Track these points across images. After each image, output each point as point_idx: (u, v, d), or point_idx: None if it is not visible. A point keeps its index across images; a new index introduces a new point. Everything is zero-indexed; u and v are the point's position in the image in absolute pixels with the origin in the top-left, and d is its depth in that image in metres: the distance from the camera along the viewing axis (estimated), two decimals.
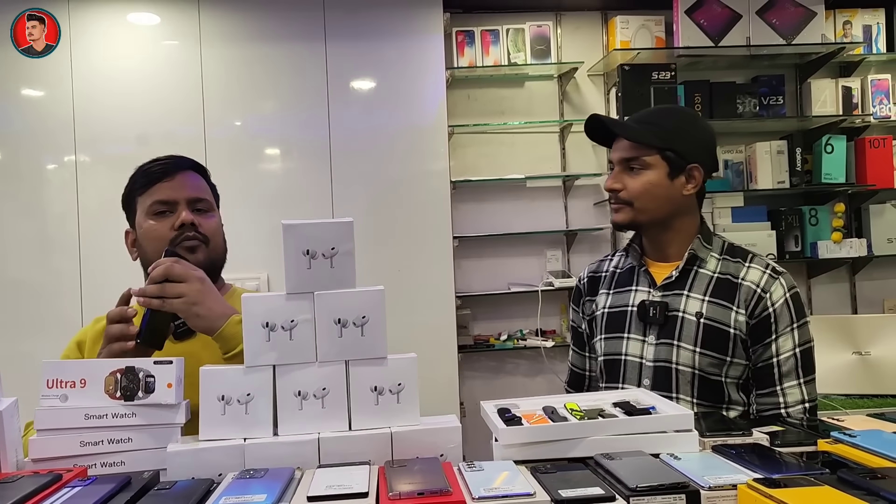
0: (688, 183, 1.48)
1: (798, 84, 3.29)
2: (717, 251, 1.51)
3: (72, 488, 0.90)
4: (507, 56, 3.13)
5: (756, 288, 1.44)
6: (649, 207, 1.48)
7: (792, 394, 1.41)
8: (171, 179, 1.38)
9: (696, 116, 1.57)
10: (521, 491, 0.85)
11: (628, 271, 1.58)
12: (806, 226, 3.16)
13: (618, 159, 1.51)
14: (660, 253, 1.54)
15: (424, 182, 2.92)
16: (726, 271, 1.48)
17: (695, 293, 1.47)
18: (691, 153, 1.47)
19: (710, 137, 1.54)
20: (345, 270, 1.09)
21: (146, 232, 1.37)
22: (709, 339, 1.43)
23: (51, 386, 1.06)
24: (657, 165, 1.47)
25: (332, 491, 0.86)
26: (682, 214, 1.51)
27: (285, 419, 1.06)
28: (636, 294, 1.53)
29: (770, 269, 1.47)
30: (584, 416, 1.08)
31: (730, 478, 0.87)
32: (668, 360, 1.45)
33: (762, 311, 1.42)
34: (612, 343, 1.54)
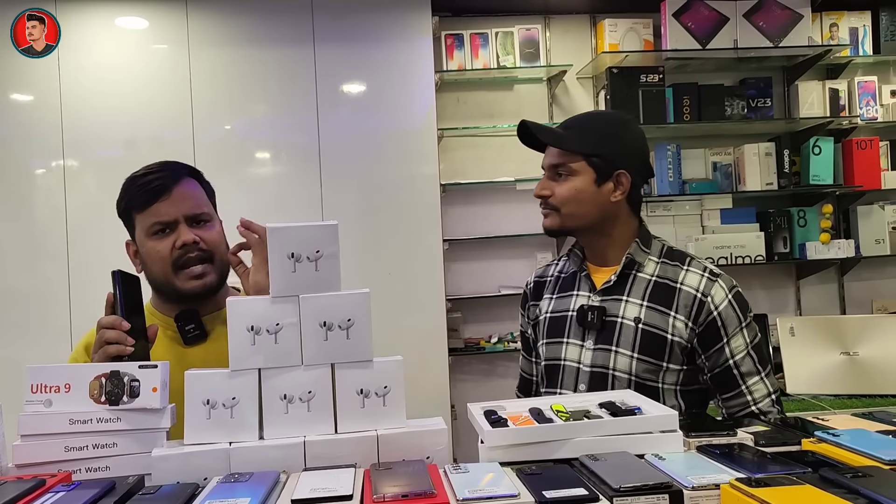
0: (616, 189, 1.47)
1: (785, 86, 3.31)
2: (656, 255, 1.50)
3: (55, 493, 0.90)
4: (497, 59, 3.14)
5: (696, 293, 1.42)
6: (576, 213, 1.47)
7: (758, 389, 1.42)
8: (169, 196, 1.35)
9: (625, 121, 1.53)
10: (505, 492, 0.86)
11: (571, 276, 1.57)
12: (794, 227, 3.18)
13: (546, 165, 1.51)
14: (599, 258, 1.53)
15: (414, 185, 2.92)
16: (664, 275, 1.46)
17: (633, 298, 1.46)
18: (619, 159, 1.46)
19: (640, 143, 1.52)
20: (330, 273, 1.09)
21: (149, 252, 1.36)
22: (646, 344, 1.42)
23: (35, 391, 1.05)
24: (583, 172, 1.46)
25: (316, 494, 0.86)
26: (616, 220, 1.49)
27: (271, 423, 1.06)
28: (577, 299, 1.52)
29: (708, 272, 1.45)
30: (570, 418, 1.09)
31: (713, 477, 0.88)
32: (605, 365, 1.44)
33: (707, 316, 1.41)
34: (552, 348, 1.53)
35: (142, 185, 1.36)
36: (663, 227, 3.13)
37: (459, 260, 3.17)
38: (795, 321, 2.76)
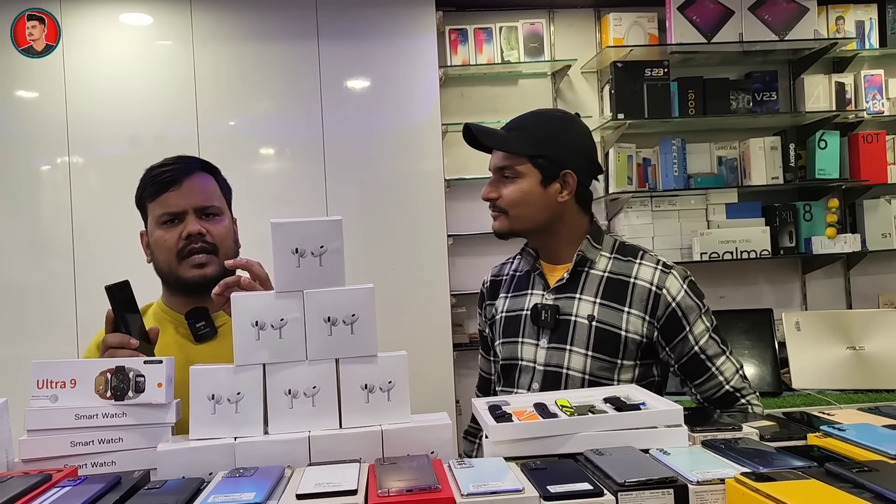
0: (562, 189, 1.46)
1: (791, 80, 3.29)
2: (608, 251, 1.49)
3: (61, 488, 0.90)
4: (501, 54, 3.13)
5: (651, 286, 1.43)
6: (524, 215, 1.46)
7: (727, 368, 1.43)
8: (179, 188, 1.38)
9: (569, 121, 1.51)
10: (510, 487, 0.85)
11: (525, 275, 1.56)
12: (800, 221, 3.16)
13: (493, 168, 1.50)
14: (551, 256, 1.52)
15: (418, 181, 2.92)
16: (617, 271, 1.46)
17: (586, 295, 1.45)
18: (564, 159, 1.45)
19: (585, 141, 1.51)
20: (334, 268, 1.09)
21: (156, 241, 1.39)
22: (600, 342, 1.42)
23: (41, 386, 1.06)
24: (529, 173, 1.45)
25: (321, 489, 0.86)
26: (562, 220, 1.48)
27: (276, 418, 1.06)
28: (531, 297, 1.51)
29: (661, 264, 1.45)
30: (575, 413, 1.08)
31: (718, 472, 0.88)
32: (560, 364, 1.44)
33: (665, 308, 1.41)
34: (508, 347, 1.52)
35: (155, 176, 1.40)
36: (668, 222, 3.12)
37: (464, 255, 3.16)
38: (801, 316, 2.75)
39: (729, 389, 1.43)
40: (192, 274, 1.37)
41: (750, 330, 2.70)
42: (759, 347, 2.67)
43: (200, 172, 1.44)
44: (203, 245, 1.37)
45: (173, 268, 1.39)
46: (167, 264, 1.39)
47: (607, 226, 3.28)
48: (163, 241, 1.38)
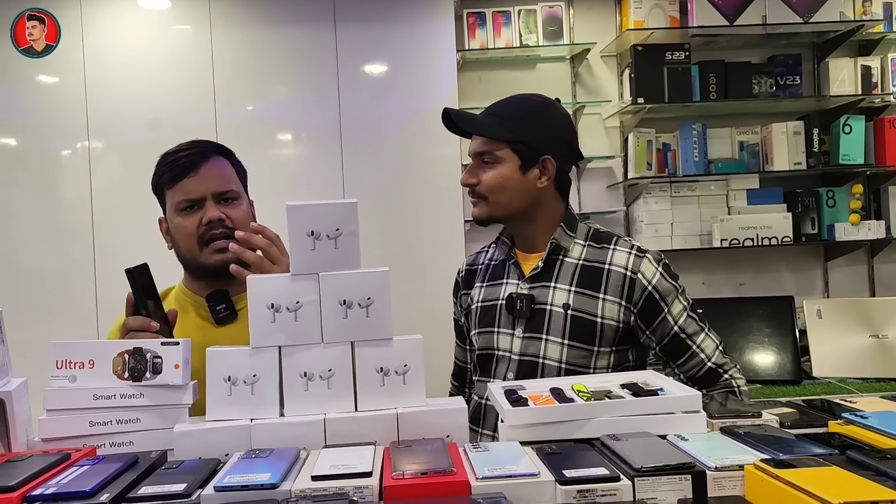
0: (541, 175, 1.45)
1: (815, 63, 3.23)
2: (582, 238, 1.49)
3: (80, 467, 0.91)
4: (519, 38, 3.10)
5: (626, 271, 1.42)
6: (503, 201, 1.45)
7: (707, 346, 1.43)
8: (196, 174, 1.38)
9: (548, 105, 1.49)
10: (525, 471, 0.85)
11: (501, 264, 1.55)
12: (823, 208, 3.11)
13: (472, 153, 1.48)
14: (526, 244, 1.51)
15: (435, 166, 2.91)
16: (592, 258, 1.45)
17: (561, 284, 1.44)
18: (543, 144, 1.44)
19: (564, 126, 1.50)
20: (349, 251, 1.09)
21: (176, 228, 1.40)
22: (576, 330, 1.41)
23: (59, 366, 1.07)
24: (508, 159, 1.43)
25: (336, 470, 0.86)
26: (541, 206, 1.47)
27: (291, 400, 1.06)
28: (506, 287, 1.50)
29: (635, 249, 1.45)
30: (591, 398, 1.08)
31: (736, 458, 0.87)
32: (536, 354, 1.43)
33: (642, 293, 1.41)
34: (484, 337, 1.51)
35: (172, 162, 1.40)
36: (688, 208, 3.09)
37: (480, 241, 3.08)
38: (823, 303, 2.71)
39: (711, 366, 1.43)
40: (213, 259, 1.38)
41: (770, 317, 2.67)
42: (779, 335, 2.64)
43: (216, 157, 1.44)
44: (223, 230, 1.38)
45: (195, 254, 1.39)
46: (188, 250, 1.40)
47: (626, 212, 3.25)
48: (183, 227, 1.39)
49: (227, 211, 1.39)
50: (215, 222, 1.37)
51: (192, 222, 1.38)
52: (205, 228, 1.37)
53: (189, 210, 1.39)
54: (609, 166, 3.25)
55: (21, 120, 2.81)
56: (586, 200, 3.24)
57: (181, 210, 1.39)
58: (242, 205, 1.43)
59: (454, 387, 1.70)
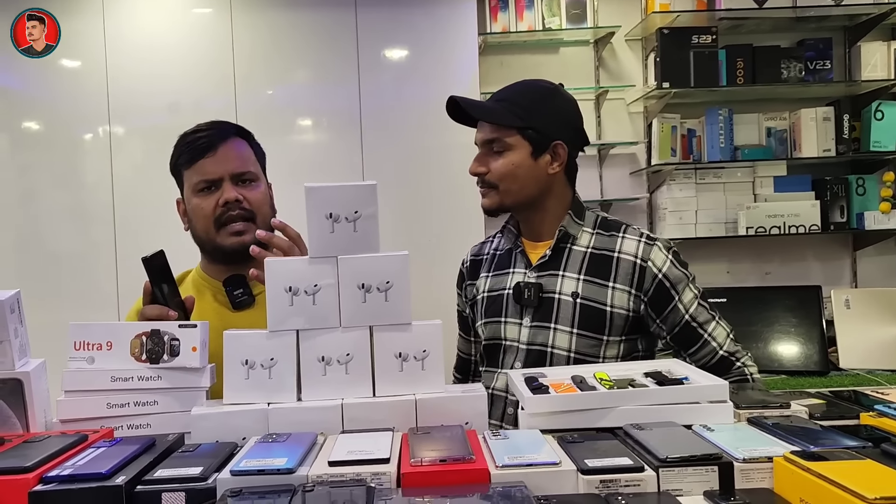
0: (553, 161, 1.42)
1: (847, 47, 3.14)
2: (590, 226, 1.46)
3: (97, 448, 0.91)
4: (542, 21, 3.05)
5: (636, 259, 1.40)
6: (514, 189, 1.42)
7: (718, 334, 1.41)
8: (214, 154, 1.37)
9: (554, 90, 1.46)
10: (546, 459, 0.83)
11: (507, 253, 1.52)
12: (852, 196, 3.04)
13: (480, 141, 1.45)
14: (533, 233, 1.49)
15: (456, 151, 2.87)
16: (601, 246, 1.43)
17: (569, 272, 1.42)
18: (553, 129, 1.41)
19: (572, 111, 1.46)
20: (368, 234, 1.07)
21: (193, 209, 1.39)
22: (585, 319, 1.39)
23: (78, 348, 1.07)
24: (519, 146, 1.41)
25: (353, 456, 0.85)
26: (551, 193, 1.45)
27: (309, 385, 1.05)
28: (513, 276, 1.48)
29: (644, 237, 1.43)
30: (614, 386, 1.05)
31: (765, 450, 0.84)
32: (544, 343, 1.40)
33: (652, 281, 1.39)
34: (491, 327, 1.49)
35: (190, 143, 1.39)
36: (713, 195, 3.03)
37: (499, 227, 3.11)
38: (851, 293, 2.66)
39: (724, 354, 1.41)
40: (230, 241, 1.37)
41: (797, 307, 2.62)
42: (805, 325, 2.59)
43: (235, 137, 1.42)
44: (240, 212, 1.36)
45: (211, 235, 1.38)
46: (205, 232, 1.38)
47: (649, 199, 3.20)
48: (199, 208, 1.37)
49: (244, 192, 1.37)
50: (232, 203, 1.35)
51: (208, 203, 1.37)
52: (221, 210, 1.36)
53: (206, 191, 1.37)
54: (632, 152, 3.20)
55: (42, 102, 2.82)
56: (609, 187, 3.19)
57: (198, 191, 1.38)
58: (261, 187, 1.42)
59: (457, 379, 1.68)
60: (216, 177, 1.37)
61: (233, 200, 1.35)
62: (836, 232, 3.06)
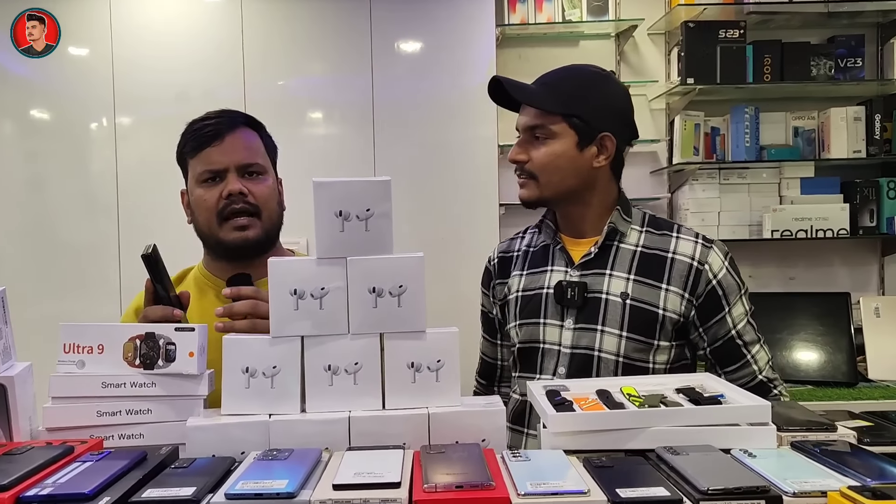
0: (599, 154, 1.33)
1: (879, 45, 3.02)
2: (639, 224, 1.37)
3: (83, 462, 0.84)
4: (562, 13, 2.96)
5: (692, 261, 1.32)
6: (555, 181, 1.33)
7: (761, 357, 1.34)
8: (221, 143, 1.30)
9: (606, 78, 1.38)
10: (573, 488, 0.75)
11: (542, 250, 1.43)
12: (883, 199, 2.92)
13: (522, 127, 1.35)
14: (574, 229, 1.40)
15: (471, 146, 2.80)
16: (652, 245, 1.34)
17: (618, 271, 1.33)
18: (601, 120, 1.32)
19: (624, 101, 1.37)
20: (381, 234, 0.99)
21: (196, 200, 1.32)
22: (635, 321, 1.30)
23: (67, 351, 1.00)
24: (564, 134, 1.31)
25: (360, 479, 0.78)
26: (595, 187, 1.36)
27: (314, 395, 0.98)
28: (552, 274, 1.38)
29: (701, 238, 1.35)
30: (644, 403, 0.97)
31: (817, 482, 0.76)
32: (591, 346, 1.32)
33: (706, 286, 1.31)
34: (528, 329, 1.39)
35: (196, 130, 1.32)
36: (737, 196, 2.93)
37: (516, 225, 2.97)
38: (882, 301, 2.55)
39: (762, 379, 1.33)
40: (232, 237, 1.29)
41: (823, 315, 2.51)
42: (833, 334, 2.48)
43: (244, 128, 1.35)
44: (244, 206, 1.29)
45: (213, 229, 1.31)
46: (207, 226, 1.31)
47: (669, 199, 3.10)
48: (203, 200, 1.30)
49: (250, 185, 1.30)
50: (236, 196, 1.28)
51: (212, 195, 1.29)
52: (225, 202, 1.28)
53: (210, 182, 1.30)
54: (653, 150, 3.10)
55: (49, 92, 2.77)
56: (628, 186, 2.99)
57: (202, 181, 1.31)
58: (268, 181, 1.34)
59: (480, 385, 1.58)
60: (221, 167, 1.29)
61: (237, 193, 1.28)
62: (864, 236, 2.95)
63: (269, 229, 1.33)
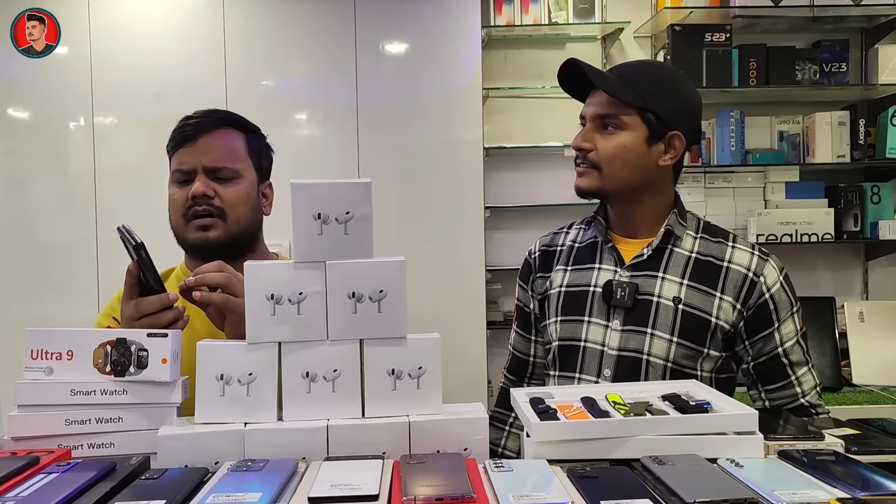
0: (666, 152, 1.31)
1: (864, 50, 3.04)
2: (694, 229, 1.35)
3: (48, 474, 0.81)
4: (548, 15, 2.95)
5: (747, 272, 1.29)
6: (619, 175, 1.30)
7: (807, 381, 1.31)
8: (193, 145, 1.28)
9: (683, 78, 1.37)
10: (556, 500, 0.73)
11: (589, 246, 1.40)
12: (867, 204, 2.93)
13: (591, 115, 1.32)
14: (627, 228, 1.37)
15: (456, 149, 2.78)
16: (707, 252, 1.32)
17: (671, 275, 1.31)
18: (674, 118, 1.29)
19: (696, 103, 1.36)
20: (361, 238, 0.97)
21: (169, 199, 1.31)
22: (687, 327, 1.27)
23: (35, 357, 0.96)
24: (635, 127, 1.29)
25: (337, 491, 0.75)
26: (655, 187, 1.33)
27: (291, 403, 0.95)
28: (600, 273, 1.35)
29: (758, 250, 1.33)
30: (630, 412, 0.95)
31: (807, 494, 0.74)
32: (639, 349, 1.29)
33: (758, 298, 1.28)
34: (569, 327, 1.36)
35: (178, 129, 1.32)
36: (722, 200, 2.93)
37: (501, 229, 3.02)
38: (865, 306, 2.56)
39: (804, 403, 1.30)
40: (194, 236, 1.28)
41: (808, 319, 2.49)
42: (817, 338, 2.48)
43: (224, 129, 1.32)
44: (207, 207, 1.27)
45: (180, 228, 1.30)
46: (176, 224, 1.31)
47: None
48: (173, 199, 1.30)
49: (218, 188, 1.28)
50: (200, 197, 1.26)
51: (181, 195, 1.28)
52: (190, 203, 1.27)
53: (182, 183, 1.29)
54: None
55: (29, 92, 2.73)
56: None
57: (175, 181, 1.31)
58: (241, 184, 1.31)
59: (509, 381, 1.53)
60: (190, 168, 1.28)
61: (200, 195, 1.26)
62: (848, 241, 2.96)
63: (236, 233, 1.30)
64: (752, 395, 1.35)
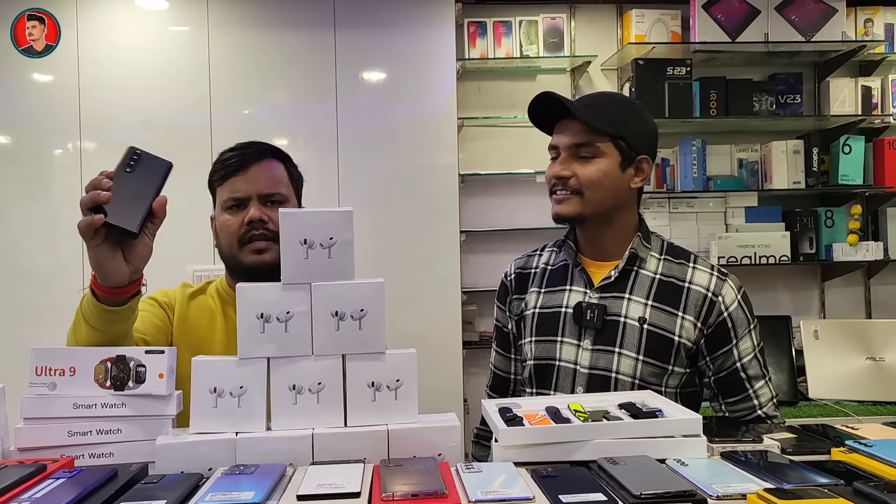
0: (636, 175, 1.40)
1: (816, 82, 3.22)
2: (658, 251, 1.42)
3: (55, 480, 0.88)
4: (520, 48, 3.08)
5: (707, 292, 1.37)
6: (597, 199, 1.37)
7: (763, 394, 1.39)
8: (245, 173, 1.39)
9: (640, 106, 1.46)
10: (519, 495, 0.82)
11: (561, 269, 1.47)
12: (821, 227, 3.09)
13: (566, 144, 1.38)
14: (596, 251, 1.44)
15: (432, 175, 2.88)
16: (669, 274, 1.39)
17: (636, 296, 1.38)
18: (640, 144, 1.39)
19: (655, 129, 1.46)
20: (343, 261, 1.06)
21: (221, 226, 1.41)
22: (652, 346, 1.35)
23: (39, 373, 1.03)
24: (609, 154, 1.37)
25: (323, 490, 0.83)
26: (623, 209, 1.41)
27: (279, 413, 1.03)
28: (570, 294, 1.42)
29: (717, 270, 1.40)
30: (589, 418, 1.05)
31: (739, 486, 0.84)
32: (608, 368, 1.36)
33: (717, 316, 1.36)
34: (543, 346, 1.43)
35: (225, 160, 1.42)
36: (686, 224, 3.07)
37: (476, 252, 3.12)
38: (820, 324, 2.69)
39: (761, 415, 1.38)
40: (250, 259, 1.37)
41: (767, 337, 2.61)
42: (776, 355, 2.61)
43: (270, 159, 1.44)
44: (264, 231, 1.37)
45: (234, 252, 1.39)
46: (229, 249, 1.40)
47: None
48: (227, 225, 1.39)
49: (271, 213, 1.38)
50: (256, 222, 1.36)
51: (235, 221, 1.38)
52: (246, 228, 1.37)
53: (234, 209, 1.39)
54: None
55: (13, 116, 2.77)
56: None
57: (227, 208, 1.40)
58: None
59: (491, 398, 1.62)
60: (244, 195, 1.38)
61: (257, 220, 1.36)
62: (805, 263, 3.11)
63: None
64: (713, 407, 1.43)
